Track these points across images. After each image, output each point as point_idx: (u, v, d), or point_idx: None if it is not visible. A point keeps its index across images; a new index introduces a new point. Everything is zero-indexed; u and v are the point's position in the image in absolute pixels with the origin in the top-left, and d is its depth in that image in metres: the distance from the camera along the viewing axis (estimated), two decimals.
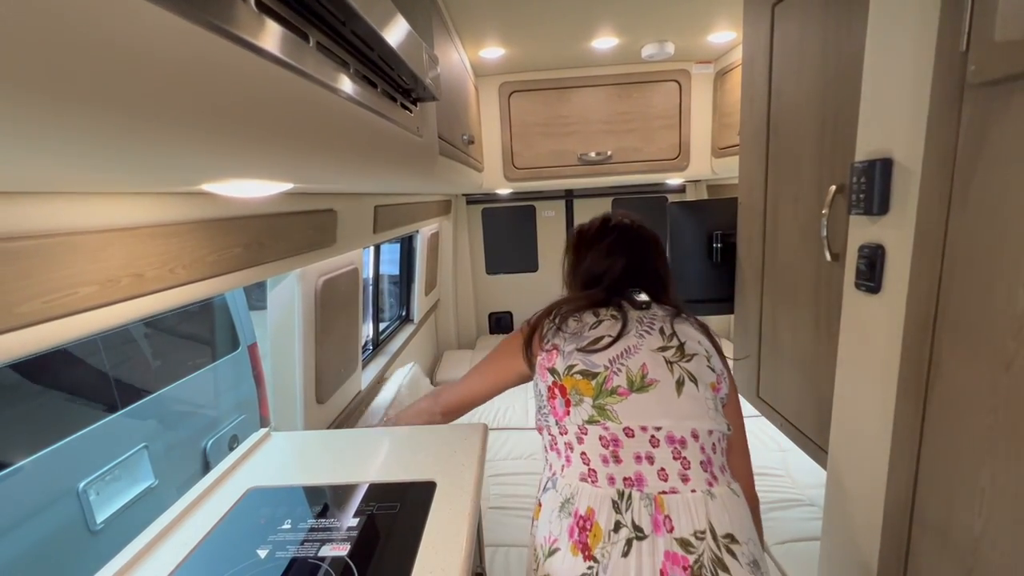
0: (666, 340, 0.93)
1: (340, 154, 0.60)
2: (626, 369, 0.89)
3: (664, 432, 0.85)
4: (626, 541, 0.78)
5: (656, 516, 0.79)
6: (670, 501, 0.80)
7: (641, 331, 0.93)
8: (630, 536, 0.78)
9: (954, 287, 0.68)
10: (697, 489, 0.82)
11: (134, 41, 0.28)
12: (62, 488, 1.64)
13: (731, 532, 0.79)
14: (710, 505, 0.80)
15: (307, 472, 1.12)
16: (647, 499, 0.80)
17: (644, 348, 0.91)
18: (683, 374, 0.89)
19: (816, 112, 1.06)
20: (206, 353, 2.46)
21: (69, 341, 0.60)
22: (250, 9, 0.36)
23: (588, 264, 1.07)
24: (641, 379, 0.88)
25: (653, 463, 0.83)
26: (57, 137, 0.29)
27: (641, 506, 0.80)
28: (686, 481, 0.82)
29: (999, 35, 0.58)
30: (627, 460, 0.84)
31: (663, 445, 0.84)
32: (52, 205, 0.56)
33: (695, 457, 0.84)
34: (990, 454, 0.63)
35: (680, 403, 0.87)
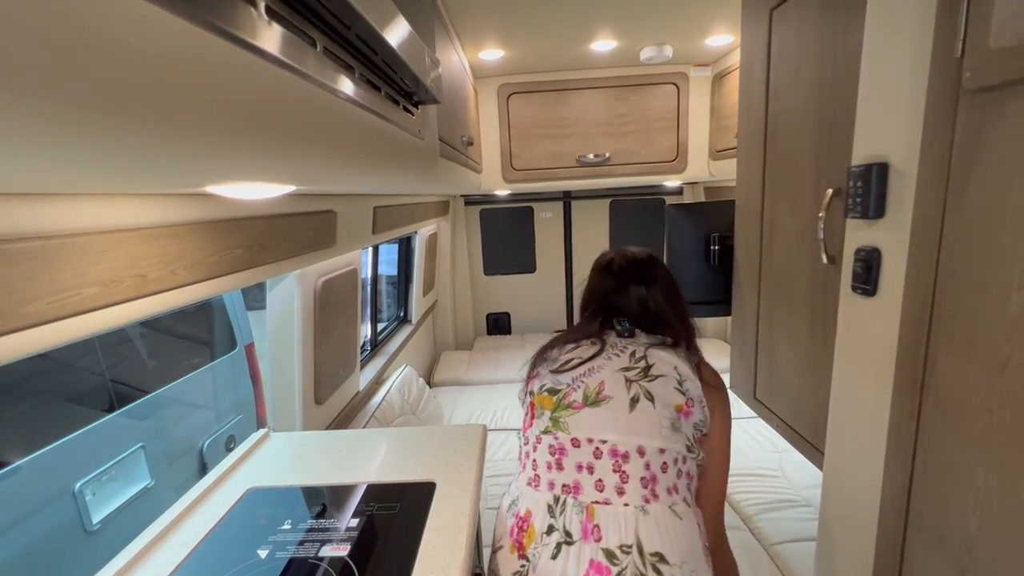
0: (633, 362, 0.95)
1: (343, 157, 0.61)
2: (584, 386, 0.94)
3: (609, 445, 0.88)
4: (556, 544, 0.82)
5: (586, 524, 0.82)
6: (601, 511, 0.83)
7: (611, 354, 0.97)
8: (560, 540, 0.82)
9: (949, 290, 0.69)
10: (631, 503, 0.84)
11: (140, 44, 0.28)
12: (58, 488, 1.63)
13: (661, 552, 0.80)
14: (641, 521, 0.82)
15: (306, 472, 1.12)
16: (579, 507, 0.84)
17: (607, 368, 0.95)
18: (640, 392, 0.91)
19: (813, 116, 1.06)
20: (203, 353, 2.45)
21: (73, 341, 0.61)
22: (259, 15, 0.36)
23: (593, 291, 1.12)
24: (596, 395, 0.92)
25: (593, 473, 0.86)
26: (62, 140, 0.29)
27: (573, 513, 0.84)
28: (621, 494, 0.84)
29: (994, 42, 0.59)
30: (569, 468, 0.88)
31: (605, 457, 0.87)
32: (56, 207, 0.56)
33: (636, 473, 0.86)
34: (984, 455, 0.64)
35: (631, 419, 0.89)
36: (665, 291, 1.08)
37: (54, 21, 0.23)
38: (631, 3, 1.70)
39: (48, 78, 0.24)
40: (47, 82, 0.24)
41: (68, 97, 0.26)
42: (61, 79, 0.25)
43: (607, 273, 1.10)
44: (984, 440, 0.64)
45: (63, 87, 0.25)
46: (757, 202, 1.33)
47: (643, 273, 1.08)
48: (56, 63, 0.24)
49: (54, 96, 0.25)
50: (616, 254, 1.13)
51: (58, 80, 0.25)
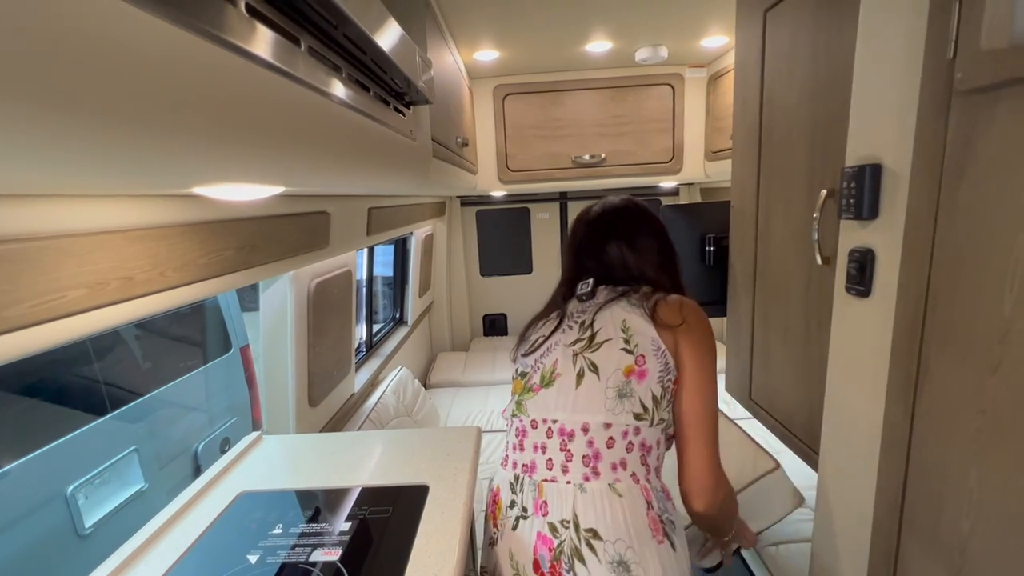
0: (581, 332, 0.94)
1: (332, 158, 0.60)
2: (543, 367, 0.96)
3: (558, 425, 0.91)
4: (515, 518, 0.91)
5: (537, 499, 0.89)
6: (548, 488, 0.89)
7: (566, 326, 0.97)
8: (518, 514, 0.91)
9: (942, 291, 0.69)
10: (572, 481, 0.88)
11: (122, 46, 0.28)
12: (50, 492, 1.62)
13: (594, 528, 0.84)
14: (578, 498, 0.86)
15: (299, 476, 1.11)
16: (533, 484, 0.91)
17: (560, 344, 0.95)
18: (584, 365, 0.91)
19: (807, 117, 1.06)
20: (198, 355, 2.44)
21: (57, 345, 0.60)
22: (240, 14, 0.36)
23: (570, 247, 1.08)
24: (550, 374, 0.94)
25: (544, 452, 0.91)
26: (43, 141, 0.29)
27: (528, 490, 0.91)
28: (565, 472, 0.89)
29: (985, 43, 0.59)
30: (527, 449, 0.94)
31: (555, 437, 0.91)
32: (39, 208, 0.56)
33: (579, 451, 0.89)
34: (978, 456, 0.63)
35: (576, 395, 0.90)
36: (647, 244, 1.02)
37: (33, 22, 0.23)
38: (626, 4, 1.69)
39: (28, 79, 0.24)
40: (27, 83, 0.24)
41: (49, 98, 0.25)
42: (42, 80, 0.24)
43: (582, 225, 1.05)
44: (977, 441, 0.63)
45: (44, 88, 0.25)
46: (752, 203, 1.33)
47: (622, 227, 1.02)
48: (36, 64, 0.24)
49: (35, 97, 0.25)
50: (592, 206, 1.08)
51: (39, 81, 0.24)
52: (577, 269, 1.03)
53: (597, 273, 1.00)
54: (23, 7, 0.22)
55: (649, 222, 1.05)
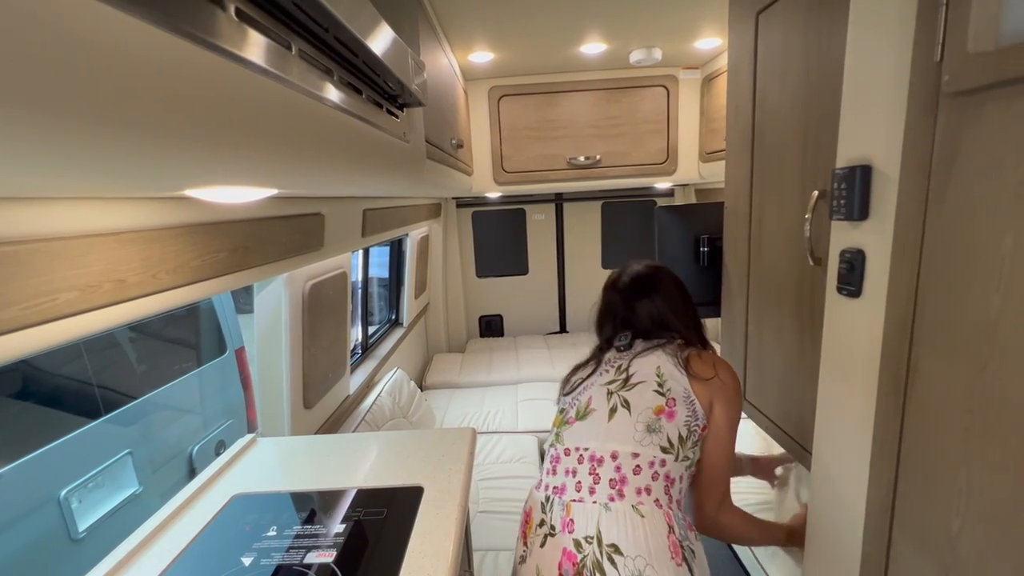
0: (616, 374, 1.06)
1: (325, 160, 0.60)
2: (578, 403, 1.07)
3: (589, 452, 1.00)
4: (544, 535, 0.97)
5: (565, 518, 0.96)
6: (575, 508, 0.96)
7: (603, 370, 1.09)
8: (547, 532, 0.97)
9: (931, 292, 0.69)
10: (597, 501, 0.95)
11: (112, 51, 0.28)
12: (43, 496, 1.61)
13: (616, 543, 0.90)
14: (603, 516, 0.93)
15: (293, 478, 1.11)
16: (562, 505, 0.97)
17: (596, 384, 1.07)
18: (618, 402, 1.02)
19: (799, 118, 1.07)
20: (192, 357, 2.43)
21: (48, 347, 0.60)
22: (230, 19, 0.36)
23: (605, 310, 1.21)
24: (585, 409, 1.05)
25: (574, 476, 0.99)
26: (36, 145, 0.29)
27: (557, 509, 0.97)
28: (592, 493, 0.96)
29: (972, 46, 0.60)
30: (559, 473, 1.02)
31: (585, 462, 0.99)
32: (30, 211, 0.55)
33: (607, 474, 0.97)
34: (967, 455, 0.64)
35: (608, 427, 1.00)
36: (670, 299, 1.15)
37: (22, 26, 0.23)
38: (620, 6, 1.70)
39: (19, 84, 0.24)
40: (18, 88, 0.24)
41: (40, 103, 0.25)
42: (33, 85, 0.24)
43: (614, 292, 1.18)
44: (966, 441, 0.64)
45: (35, 93, 0.25)
46: (745, 204, 1.33)
47: (647, 287, 1.15)
48: (27, 69, 0.24)
49: (26, 102, 0.25)
50: (621, 272, 1.21)
51: (29, 86, 0.24)
52: (614, 328, 1.15)
53: (632, 329, 1.13)
54: (14, 12, 0.22)
55: (668, 280, 1.19)
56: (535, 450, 2.21)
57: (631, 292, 1.15)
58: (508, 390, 2.84)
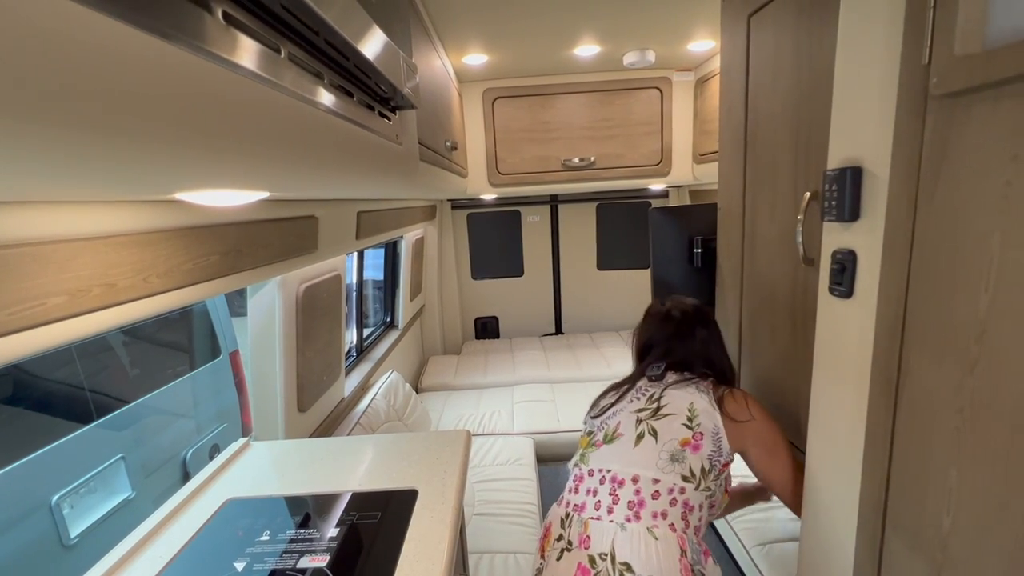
0: (647, 403, 1.09)
1: (316, 163, 0.60)
2: (606, 427, 1.10)
3: (611, 474, 1.04)
4: (560, 550, 1.01)
5: (582, 535, 0.99)
6: (593, 525, 1.00)
7: (633, 397, 1.12)
8: (563, 547, 1.01)
9: (921, 292, 0.70)
10: (614, 520, 0.99)
11: (100, 56, 0.28)
12: (34, 502, 1.60)
13: (628, 562, 0.93)
14: (618, 535, 0.97)
15: (287, 482, 1.10)
16: (580, 522, 1.01)
17: (626, 410, 1.10)
18: (645, 429, 1.06)
19: (791, 120, 1.08)
20: (186, 361, 2.42)
21: (37, 352, 0.59)
22: (218, 23, 0.36)
23: (637, 343, 1.26)
24: (612, 433, 1.09)
25: (595, 496, 1.03)
26: (24, 149, 0.28)
27: (576, 526, 1.01)
28: (610, 512, 1.00)
29: (959, 49, 0.60)
30: (581, 492, 1.06)
31: (607, 483, 1.03)
32: (18, 215, 0.55)
33: (626, 496, 1.00)
34: (957, 454, 0.65)
35: (633, 452, 1.04)
36: (714, 338, 1.21)
37: (8, 31, 0.23)
38: (614, 9, 1.71)
39: (5, 89, 0.24)
40: (3, 92, 0.24)
41: (28, 109, 0.25)
42: (21, 91, 0.24)
43: (664, 322, 1.21)
44: (956, 440, 0.64)
45: (23, 99, 0.25)
46: (739, 205, 1.34)
47: (698, 323, 1.20)
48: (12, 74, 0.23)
49: (12, 107, 0.24)
50: (671, 305, 1.25)
51: (15, 91, 0.24)
52: (654, 357, 1.18)
53: (668, 358, 1.16)
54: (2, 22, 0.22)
55: (713, 319, 1.24)
56: (531, 452, 2.21)
57: (683, 325, 1.19)
58: (504, 392, 2.84)
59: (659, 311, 1.25)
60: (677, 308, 1.23)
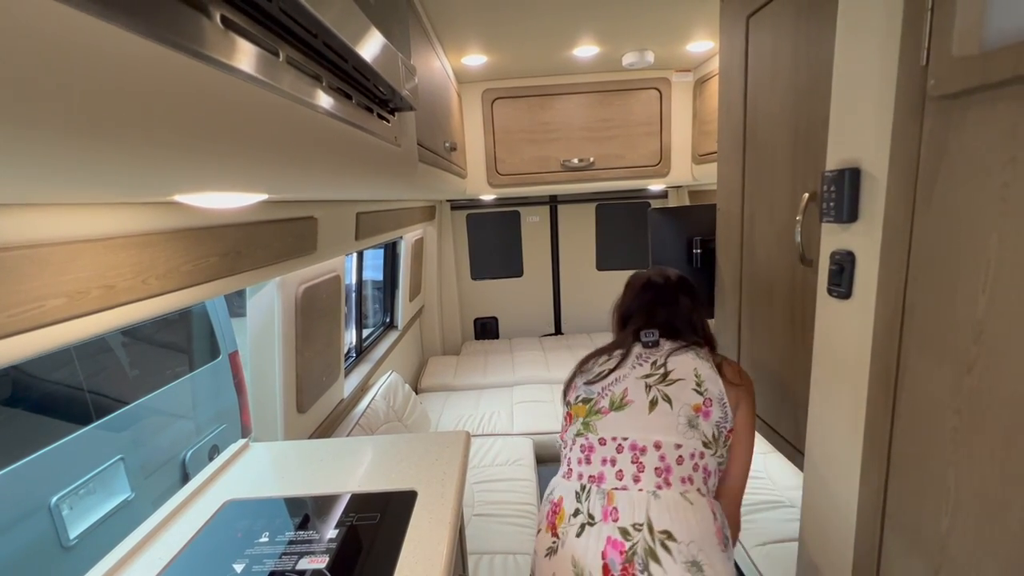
0: (653, 369, 1.06)
1: (315, 165, 0.60)
2: (611, 394, 1.06)
3: (629, 441, 1.00)
4: (580, 525, 0.95)
5: (606, 507, 0.94)
6: (619, 496, 0.95)
7: (635, 363, 1.08)
8: (584, 521, 0.95)
9: (919, 292, 0.70)
10: (644, 489, 0.95)
11: (99, 61, 0.28)
12: (34, 503, 1.59)
13: (669, 529, 0.90)
14: (652, 503, 0.93)
15: (287, 483, 1.10)
16: (602, 493, 0.96)
17: (631, 376, 1.06)
18: (658, 395, 1.03)
19: (790, 121, 1.08)
20: (185, 362, 2.42)
21: (36, 354, 0.59)
22: (216, 27, 0.36)
23: (618, 313, 1.25)
24: (620, 400, 1.04)
25: (614, 465, 0.99)
26: (23, 153, 0.28)
27: (596, 498, 0.96)
28: (637, 481, 0.96)
29: (956, 50, 0.60)
30: (595, 462, 1.01)
31: (626, 452, 0.99)
32: (17, 217, 0.55)
33: (651, 463, 0.97)
34: (955, 454, 0.65)
35: (649, 419, 1.00)
36: (698, 304, 1.19)
37: (7, 36, 0.23)
38: (613, 10, 1.71)
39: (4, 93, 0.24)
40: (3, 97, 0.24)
41: (27, 113, 0.25)
42: (20, 95, 0.24)
43: (646, 290, 1.20)
44: (954, 441, 0.65)
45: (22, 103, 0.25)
46: (737, 206, 1.34)
47: (681, 290, 1.19)
48: (12, 78, 0.24)
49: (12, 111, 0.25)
50: (651, 274, 1.23)
51: (15, 95, 0.24)
52: (647, 319, 1.15)
53: (652, 323, 1.14)
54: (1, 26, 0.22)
55: (694, 288, 1.23)
56: (531, 452, 2.21)
57: (667, 292, 1.18)
58: (503, 392, 2.83)
59: (640, 278, 1.23)
60: (659, 275, 1.22)
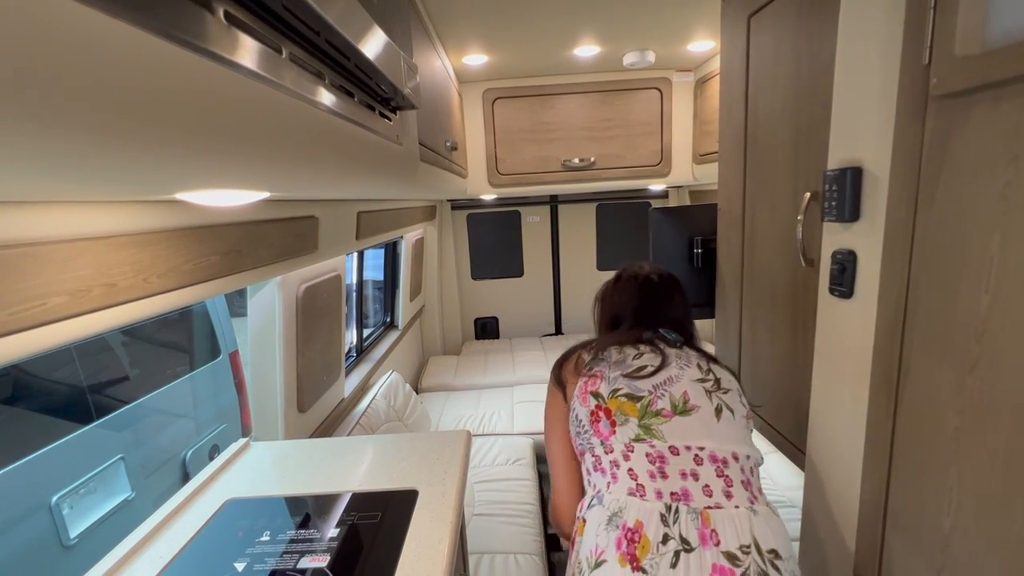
0: (704, 374, 0.99)
1: (317, 163, 0.60)
2: (669, 395, 0.95)
3: (707, 452, 0.89)
4: (674, 553, 0.80)
5: (703, 530, 0.81)
6: (716, 516, 0.83)
7: (680, 364, 1.00)
8: (678, 548, 0.80)
9: (921, 292, 0.70)
10: (740, 505, 0.84)
11: (103, 57, 0.28)
12: (34, 502, 1.59)
13: (775, 548, 0.81)
14: (754, 521, 0.82)
15: (287, 482, 1.10)
16: (694, 513, 0.83)
17: (685, 378, 0.98)
18: (720, 403, 0.95)
19: (791, 121, 1.08)
20: (186, 361, 2.42)
21: (38, 352, 0.59)
22: (220, 23, 0.36)
23: (609, 308, 1.18)
24: (683, 404, 0.94)
25: (698, 480, 0.87)
26: (25, 149, 0.28)
27: (688, 520, 0.82)
28: (730, 498, 0.85)
29: (959, 50, 0.60)
30: (673, 476, 0.87)
31: (706, 464, 0.88)
32: (19, 215, 0.55)
33: (736, 476, 0.88)
34: (957, 454, 0.65)
35: (720, 427, 0.92)
36: (686, 302, 1.16)
37: (10, 31, 0.23)
38: (613, 9, 1.71)
39: (6, 88, 0.24)
40: (5, 92, 0.24)
41: (30, 109, 0.25)
42: (23, 91, 0.24)
43: (643, 287, 1.15)
44: (955, 441, 0.64)
45: (25, 99, 0.25)
46: (739, 206, 1.34)
47: (673, 287, 1.16)
48: (14, 73, 0.23)
49: (13, 106, 0.24)
50: (639, 269, 1.18)
51: (17, 90, 0.24)
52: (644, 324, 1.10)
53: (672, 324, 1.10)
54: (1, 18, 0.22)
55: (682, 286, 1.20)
56: (531, 452, 2.21)
57: (663, 290, 1.14)
58: (504, 392, 2.83)
59: (637, 274, 1.17)
60: (655, 272, 1.17)
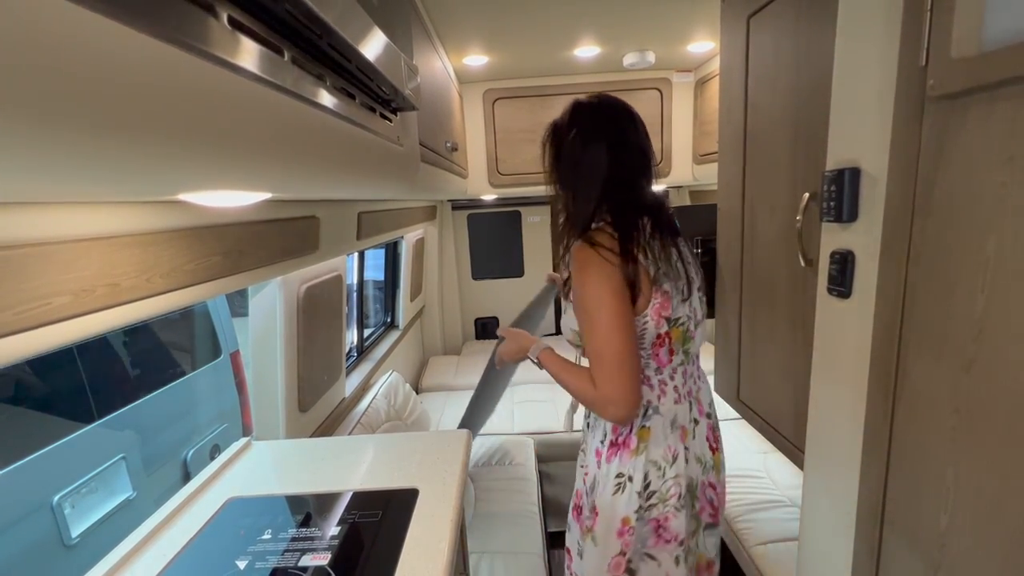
0: (700, 279, 1.13)
1: (318, 164, 0.60)
2: (693, 313, 1.10)
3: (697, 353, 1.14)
4: (694, 428, 1.11)
5: (700, 407, 1.13)
6: (700, 394, 1.13)
7: (690, 275, 1.09)
8: (696, 423, 1.11)
9: (918, 292, 0.70)
10: (700, 378, 1.15)
11: (107, 60, 0.28)
12: (35, 502, 1.60)
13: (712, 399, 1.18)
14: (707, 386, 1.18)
15: (288, 481, 1.11)
16: (694, 398, 1.12)
17: (695, 291, 1.10)
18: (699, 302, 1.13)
19: (790, 121, 1.08)
20: (187, 361, 2.42)
21: (42, 352, 0.60)
22: (223, 27, 0.36)
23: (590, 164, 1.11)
24: (696, 321, 1.11)
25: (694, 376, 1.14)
26: (30, 151, 0.29)
27: (693, 405, 1.11)
28: (700, 378, 1.16)
29: (955, 52, 0.61)
30: (689, 381, 1.12)
31: (698, 364, 1.15)
32: (23, 215, 0.56)
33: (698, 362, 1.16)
34: (954, 454, 0.65)
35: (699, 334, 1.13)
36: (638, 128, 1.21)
37: (16, 34, 0.23)
38: (613, 10, 1.71)
39: (12, 91, 0.24)
40: (11, 95, 0.24)
41: (35, 111, 0.26)
42: (27, 93, 0.25)
43: (634, 127, 1.13)
44: (952, 440, 0.65)
45: (29, 101, 0.25)
46: (738, 206, 1.34)
47: (615, 111, 1.18)
48: (20, 77, 0.24)
49: (19, 109, 0.25)
50: (573, 106, 1.14)
51: (23, 93, 0.25)
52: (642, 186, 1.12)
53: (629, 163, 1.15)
54: (7, 21, 0.22)
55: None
56: (531, 452, 2.22)
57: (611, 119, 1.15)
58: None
59: (613, 103, 1.13)
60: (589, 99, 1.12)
